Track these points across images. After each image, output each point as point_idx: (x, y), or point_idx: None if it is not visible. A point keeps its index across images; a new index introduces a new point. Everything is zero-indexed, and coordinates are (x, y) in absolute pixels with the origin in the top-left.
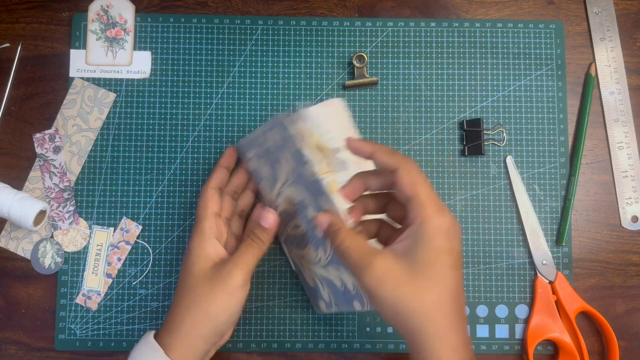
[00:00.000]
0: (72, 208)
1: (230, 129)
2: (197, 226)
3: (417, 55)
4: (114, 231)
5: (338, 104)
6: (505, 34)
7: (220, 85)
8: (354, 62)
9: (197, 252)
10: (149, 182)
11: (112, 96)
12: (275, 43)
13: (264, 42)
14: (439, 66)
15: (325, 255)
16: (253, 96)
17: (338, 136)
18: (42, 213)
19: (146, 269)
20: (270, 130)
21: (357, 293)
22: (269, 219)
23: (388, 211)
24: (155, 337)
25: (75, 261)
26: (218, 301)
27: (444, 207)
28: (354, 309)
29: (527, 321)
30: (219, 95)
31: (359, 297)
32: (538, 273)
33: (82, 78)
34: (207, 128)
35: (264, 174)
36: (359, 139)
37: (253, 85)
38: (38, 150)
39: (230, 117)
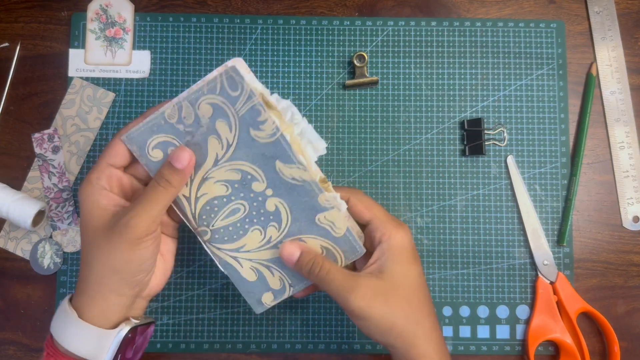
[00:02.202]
0: (71, 208)
1: None
2: (86, 176)
3: (418, 54)
4: None
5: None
6: (506, 34)
7: None
8: (354, 61)
9: (87, 204)
10: None
11: (111, 96)
12: (275, 42)
13: (264, 42)
14: (440, 66)
15: (278, 231)
16: None
17: (267, 92)
18: (40, 213)
19: None
20: (202, 97)
21: None
22: (183, 158)
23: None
24: (72, 299)
25: (75, 261)
26: (118, 254)
27: (400, 222)
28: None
29: (528, 322)
30: None
31: None
32: (539, 273)
33: (81, 78)
34: None
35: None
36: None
37: None
38: (37, 150)
39: None
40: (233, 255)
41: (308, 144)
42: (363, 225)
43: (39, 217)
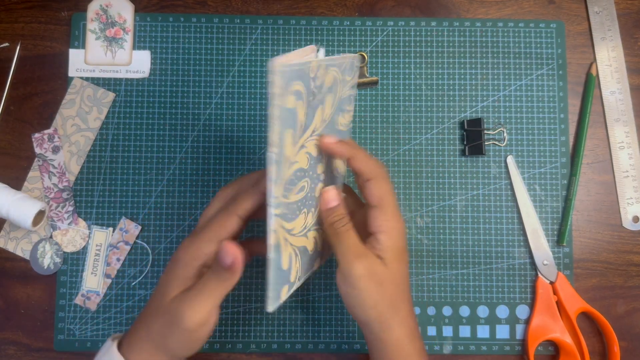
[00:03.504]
0: (71, 208)
1: (230, 129)
2: (193, 238)
3: (418, 54)
4: (113, 231)
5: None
6: (505, 34)
7: (220, 85)
8: None
9: (175, 272)
10: (148, 182)
11: (111, 96)
12: (275, 42)
13: (264, 42)
14: (440, 66)
15: (313, 217)
16: (253, 96)
17: None
18: (41, 213)
19: (145, 270)
20: (332, 67)
21: (319, 250)
22: (227, 257)
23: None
24: (118, 346)
25: (75, 261)
26: (173, 338)
27: (399, 214)
28: (312, 269)
29: (527, 322)
30: (219, 95)
31: (319, 255)
32: (539, 273)
33: (81, 78)
34: (207, 128)
35: (295, 120)
36: (337, 140)
37: (253, 85)
38: (37, 150)
39: (230, 117)
40: (285, 237)
41: None
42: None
43: (39, 217)
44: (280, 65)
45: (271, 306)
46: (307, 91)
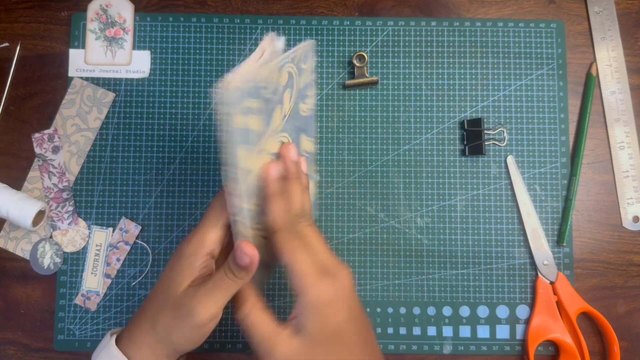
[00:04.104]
0: (71, 208)
1: None
2: (194, 235)
3: (418, 54)
4: (113, 231)
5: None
6: (506, 34)
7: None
8: (354, 61)
9: (179, 264)
10: (148, 182)
11: (111, 96)
12: None
13: None
14: (440, 66)
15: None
16: None
17: None
18: (41, 213)
19: (145, 270)
20: (286, 64)
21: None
22: (244, 257)
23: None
24: (117, 340)
25: (75, 261)
26: (180, 332)
27: (324, 272)
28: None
29: (528, 322)
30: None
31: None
32: (539, 273)
33: (81, 77)
34: (207, 128)
35: (249, 132)
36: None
37: None
38: (37, 150)
39: None
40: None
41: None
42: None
43: (39, 217)
44: (223, 92)
45: None
46: (261, 101)
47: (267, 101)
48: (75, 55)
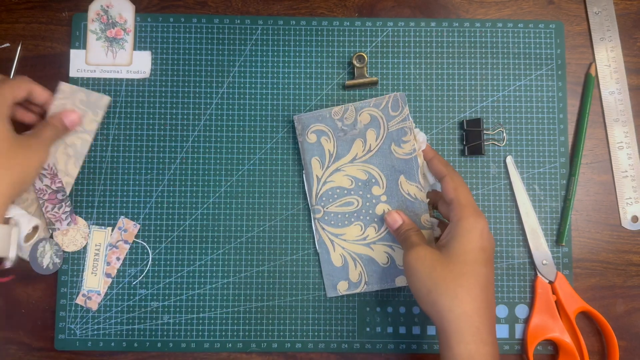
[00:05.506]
0: (68, 209)
1: (230, 129)
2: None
3: (417, 55)
4: (112, 230)
5: (404, 96)
6: (505, 34)
7: (220, 85)
8: (354, 62)
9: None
10: (148, 182)
11: (106, 99)
12: (275, 43)
13: (264, 42)
14: (439, 66)
15: (376, 232)
16: (253, 96)
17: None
18: (34, 229)
19: (146, 269)
20: (365, 108)
21: (401, 269)
22: (74, 121)
23: (439, 208)
24: None
25: (75, 261)
26: (17, 169)
27: (479, 211)
28: (394, 284)
29: (527, 321)
30: (219, 95)
31: (403, 273)
32: (538, 273)
33: (82, 78)
34: (207, 128)
35: (322, 150)
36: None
37: (253, 85)
38: None
39: (230, 117)
40: (331, 238)
41: (428, 173)
42: (449, 202)
43: (32, 233)
44: (297, 115)
45: (329, 293)
46: (334, 129)
47: (344, 131)
48: (76, 56)
